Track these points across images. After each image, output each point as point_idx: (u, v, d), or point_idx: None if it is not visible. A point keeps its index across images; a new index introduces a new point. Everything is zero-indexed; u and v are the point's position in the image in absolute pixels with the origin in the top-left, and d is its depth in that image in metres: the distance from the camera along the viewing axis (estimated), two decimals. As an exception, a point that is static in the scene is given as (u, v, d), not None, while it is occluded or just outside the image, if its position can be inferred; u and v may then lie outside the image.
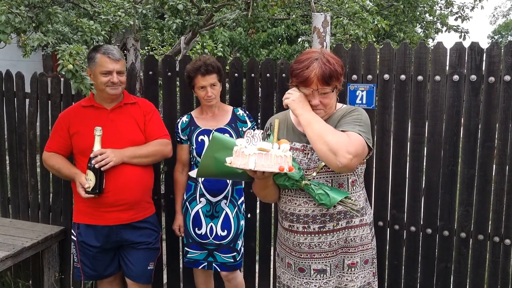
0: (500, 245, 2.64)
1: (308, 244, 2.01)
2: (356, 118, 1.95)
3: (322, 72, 1.88)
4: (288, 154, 1.74)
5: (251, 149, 1.73)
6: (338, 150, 1.78)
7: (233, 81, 3.02)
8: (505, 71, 2.52)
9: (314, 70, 1.88)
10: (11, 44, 2.60)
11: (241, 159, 1.73)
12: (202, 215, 2.75)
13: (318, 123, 1.86)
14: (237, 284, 2.92)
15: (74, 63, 2.45)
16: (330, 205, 1.91)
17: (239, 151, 1.74)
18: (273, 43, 12.60)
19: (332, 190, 1.93)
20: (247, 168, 1.72)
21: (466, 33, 5.28)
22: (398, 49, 2.70)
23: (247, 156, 1.72)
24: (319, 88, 1.90)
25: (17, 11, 2.42)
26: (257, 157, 1.71)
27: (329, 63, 1.90)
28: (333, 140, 1.80)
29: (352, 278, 2.04)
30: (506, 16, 30.31)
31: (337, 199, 1.91)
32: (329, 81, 1.90)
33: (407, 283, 2.84)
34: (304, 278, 2.05)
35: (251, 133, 1.79)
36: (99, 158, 2.44)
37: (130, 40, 3.17)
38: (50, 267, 3.25)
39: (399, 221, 2.80)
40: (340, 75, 1.94)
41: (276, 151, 1.73)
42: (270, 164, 1.72)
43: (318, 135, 1.83)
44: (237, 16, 3.86)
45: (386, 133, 2.76)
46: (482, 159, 2.61)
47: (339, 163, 1.78)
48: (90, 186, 2.45)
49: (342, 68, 1.96)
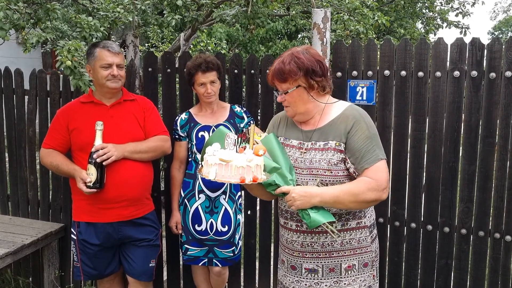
0: (501, 242, 2.63)
1: (301, 243, 1.99)
2: (367, 137, 1.88)
3: (276, 70, 1.90)
4: (252, 164, 1.69)
5: (213, 158, 1.71)
6: (377, 198, 1.88)
7: (232, 78, 3.01)
8: (506, 67, 2.51)
9: (272, 70, 1.91)
10: (10, 41, 2.59)
11: (205, 168, 1.72)
12: (201, 211, 2.74)
13: (342, 193, 1.84)
14: (225, 278, 2.98)
15: (73, 59, 2.44)
16: (310, 226, 1.86)
17: (205, 159, 1.73)
18: (272, 39, 12.56)
19: (318, 211, 1.86)
20: (207, 178, 1.70)
21: (467, 29, 5.26)
22: (399, 45, 2.69)
23: (209, 165, 1.71)
24: (278, 86, 1.92)
25: (15, 7, 2.41)
26: (217, 168, 1.69)
27: (285, 62, 1.88)
28: (368, 196, 1.85)
29: (349, 281, 1.99)
30: (507, 12, 30.24)
31: (318, 222, 1.85)
32: (282, 79, 1.89)
33: (408, 280, 2.84)
34: (295, 276, 2.03)
35: (229, 137, 1.76)
36: (101, 152, 2.42)
37: (129, 36, 3.15)
38: (50, 264, 3.25)
39: (400, 217, 2.80)
40: (296, 71, 1.86)
41: (238, 161, 1.68)
42: (230, 175, 1.68)
43: (354, 201, 1.85)
44: (236, 12, 3.85)
45: (386, 129, 2.75)
46: (483, 156, 2.60)
47: (383, 199, 1.91)
48: (92, 181, 2.42)
49: (310, 64, 1.88)
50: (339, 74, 2.76)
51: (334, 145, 1.90)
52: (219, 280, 2.93)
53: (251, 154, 1.74)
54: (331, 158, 1.89)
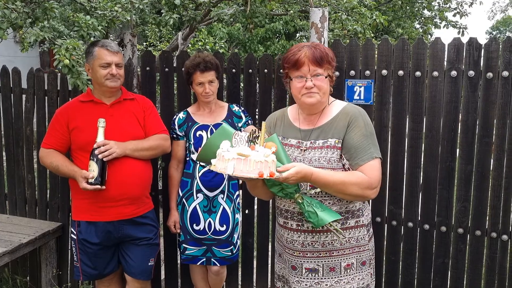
0: (498, 241, 2.65)
1: (302, 243, 1.99)
2: (363, 134, 1.91)
3: (312, 53, 1.92)
4: (269, 160, 1.70)
5: (230, 153, 1.70)
6: (363, 195, 1.89)
7: (230, 77, 3.01)
8: (503, 67, 2.52)
9: (305, 52, 1.92)
10: (7, 40, 2.59)
11: (221, 163, 1.71)
12: (200, 210, 2.75)
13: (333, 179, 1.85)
14: (223, 277, 2.98)
15: (71, 58, 2.44)
16: (317, 225, 1.88)
17: (220, 154, 1.72)
18: (271, 39, 12.55)
19: (324, 210, 1.89)
20: (225, 173, 1.69)
21: (464, 29, 5.28)
22: (396, 45, 2.70)
23: (226, 160, 1.69)
24: (311, 69, 1.91)
25: (13, 6, 2.40)
26: (236, 162, 1.68)
27: (320, 48, 1.95)
28: (355, 191, 1.86)
29: (348, 280, 2.00)
30: (505, 11, 30.31)
31: (326, 221, 1.87)
32: (321, 62, 1.92)
33: (405, 279, 2.85)
34: (295, 276, 2.03)
35: (239, 135, 1.76)
36: (103, 148, 2.42)
37: (127, 35, 3.15)
38: (48, 263, 3.24)
39: (397, 216, 2.81)
40: (331, 60, 1.96)
41: (256, 156, 1.68)
42: (249, 169, 1.67)
43: (341, 191, 1.87)
44: (234, 11, 3.85)
45: (384, 129, 2.75)
46: (480, 155, 2.61)
47: (370, 199, 1.95)
48: (94, 176, 2.41)
49: (333, 56, 1.99)
50: (337, 74, 2.76)
51: (333, 143, 1.92)
52: (217, 279, 2.93)
53: (268, 150, 1.74)
54: (331, 156, 1.91)
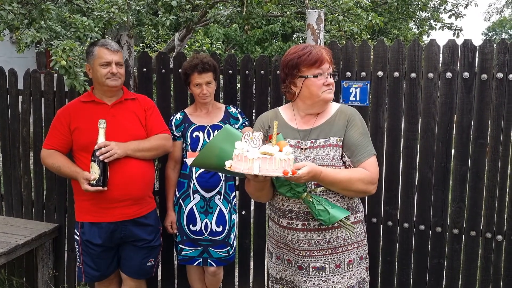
0: (492, 241, 2.66)
1: (308, 242, 2.00)
2: (361, 133, 1.99)
3: (327, 52, 2.00)
4: (291, 157, 1.70)
5: (254, 153, 1.69)
6: (367, 191, 1.96)
7: (227, 78, 3.02)
8: (498, 69, 2.53)
9: (321, 51, 1.98)
10: (4, 41, 2.59)
11: (244, 164, 1.68)
12: (196, 211, 2.75)
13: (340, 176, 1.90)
14: (220, 278, 2.99)
15: (68, 59, 2.44)
16: (328, 223, 1.90)
17: (241, 155, 1.69)
18: (268, 40, 12.58)
19: (333, 207, 1.92)
20: (251, 173, 1.67)
21: (459, 31, 5.30)
22: (392, 46, 2.71)
23: (250, 160, 1.67)
24: (331, 66, 1.99)
25: (9, 7, 2.40)
26: (261, 162, 1.67)
27: (326, 48, 2.03)
28: (360, 186, 1.93)
29: (351, 275, 2.04)
30: (500, 13, 30.43)
31: (337, 218, 1.89)
32: (332, 61, 2.01)
33: (400, 279, 2.87)
34: (302, 276, 2.04)
35: (249, 135, 1.75)
36: (104, 150, 2.41)
37: (123, 36, 3.15)
38: (44, 264, 3.24)
39: (393, 217, 2.82)
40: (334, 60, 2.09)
41: (280, 154, 1.69)
42: (274, 168, 1.67)
43: (347, 188, 1.93)
44: (231, 13, 3.86)
45: (379, 130, 2.77)
46: (475, 156, 2.63)
47: (371, 194, 2.02)
48: (96, 178, 2.41)
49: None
50: (333, 75, 2.78)
51: (335, 141, 1.97)
52: (213, 280, 2.94)
53: (289, 148, 1.74)
54: (334, 154, 1.96)
